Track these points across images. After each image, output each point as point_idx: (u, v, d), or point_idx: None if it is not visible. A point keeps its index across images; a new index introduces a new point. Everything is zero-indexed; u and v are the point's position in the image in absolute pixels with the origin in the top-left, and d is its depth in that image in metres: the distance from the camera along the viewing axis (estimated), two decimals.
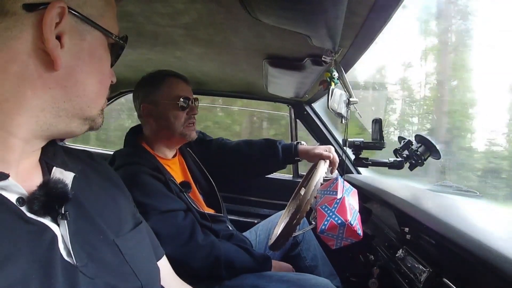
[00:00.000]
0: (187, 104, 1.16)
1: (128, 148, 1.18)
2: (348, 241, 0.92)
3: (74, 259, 0.41)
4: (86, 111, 0.45)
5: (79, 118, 0.45)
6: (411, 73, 3.04)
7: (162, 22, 0.87)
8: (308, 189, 0.94)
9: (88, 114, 0.45)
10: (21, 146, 0.40)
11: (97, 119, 0.47)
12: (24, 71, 0.38)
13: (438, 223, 0.79)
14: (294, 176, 1.99)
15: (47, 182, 0.42)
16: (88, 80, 0.44)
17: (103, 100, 0.48)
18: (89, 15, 0.42)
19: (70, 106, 0.42)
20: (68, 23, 0.40)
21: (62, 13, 0.39)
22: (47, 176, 0.44)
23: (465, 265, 0.71)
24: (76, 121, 0.44)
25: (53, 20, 0.38)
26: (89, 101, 0.45)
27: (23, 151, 0.41)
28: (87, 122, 0.46)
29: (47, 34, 0.38)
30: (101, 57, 0.46)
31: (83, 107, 0.44)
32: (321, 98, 1.67)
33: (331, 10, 0.59)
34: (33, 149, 0.43)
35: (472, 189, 1.27)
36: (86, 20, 0.42)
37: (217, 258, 1.05)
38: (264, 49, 1.00)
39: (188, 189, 1.16)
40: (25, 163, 0.42)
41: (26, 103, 0.39)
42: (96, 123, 0.48)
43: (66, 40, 0.40)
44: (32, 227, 0.38)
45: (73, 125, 0.44)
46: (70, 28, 0.40)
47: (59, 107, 0.41)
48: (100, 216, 0.49)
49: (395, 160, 1.24)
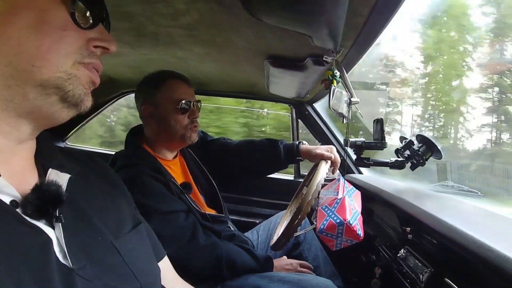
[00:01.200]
0: (188, 107, 1.16)
1: (129, 149, 1.19)
2: (348, 242, 0.91)
3: (70, 261, 0.40)
4: (33, 72, 0.38)
5: (32, 85, 0.38)
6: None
7: (164, 23, 0.87)
8: (309, 189, 0.94)
9: (40, 76, 0.38)
10: (1, 142, 0.39)
11: (64, 85, 0.40)
12: None
13: (440, 223, 0.78)
14: (295, 176, 1.99)
15: (40, 185, 0.41)
16: (21, 33, 0.37)
17: (58, 56, 0.40)
18: None
19: (13, 69, 0.37)
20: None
21: None
22: (41, 179, 0.43)
23: (467, 265, 0.70)
24: (30, 90, 0.39)
25: None
26: (32, 59, 0.38)
27: (5, 148, 0.39)
28: (49, 91, 0.39)
29: None
30: (43, 8, 0.39)
31: (26, 67, 0.38)
32: (322, 98, 1.67)
33: (333, 11, 0.59)
34: (17, 141, 0.41)
35: (474, 189, 1.27)
36: None
37: (218, 258, 1.06)
38: (266, 49, 1.00)
39: (189, 190, 1.16)
40: (17, 164, 0.41)
41: None
42: (68, 94, 0.40)
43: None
44: (26, 229, 0.38)
45: (31, 96, 0.39)
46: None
47: (3, 74, 0.37)
48: (99, 218, 0.48)
49: (396, 160, 1.24)
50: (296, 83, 1.30)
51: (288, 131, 2.09)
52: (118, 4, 0.78)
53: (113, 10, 0.81)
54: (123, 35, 1.01)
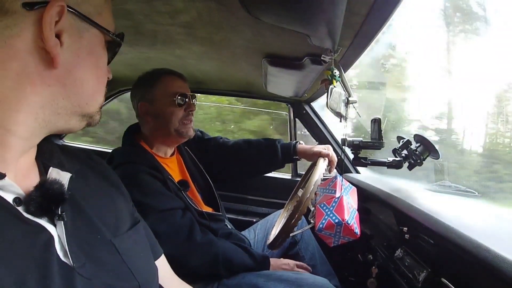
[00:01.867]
0: (183, 101, 1.16)
1: (126, 147, 1.18)
2: (345, 240, 0.94)
3: (71, 260, 0.41)
4: (84, 108, 0.45)
5: (78, 115, 0.45)
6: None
7: (162, 21, 0.87)
8: (307, 187, 0.94)
9: (87, 111, 0.46)
10: (19, 144, 0.40)
11: (95, 116, 0.48)
12: (24, 69, 0.38)
13: (437, 223, 0.79)
14: (293, 175, 1.99)
15: (43, 183, 0.42)
16: (86, 77, 0.44)
17: (101, 97, 0.49)
18: (87, 13, 0.43)
19: (69, 103, 0.43)
20: (67, 21, 0.40)
21: (61, 11, 0.39)
22: (43, 177, 0.44)
23: (464, 265, 0.71)
24: (74, 118, 0.45)
25: (52, 19, 0.38)
26: (87, 98, 0.45)
27: (21, 150, 0.41)
28: (85, 118, 0.47)
29: (47, 33, 0.38)
30: (99, 55, 0.46)
31: (81, 104, 0.44)
32: (320, 97, 1.67)
33: (331, 9, 0.59)
34: (30, 146, 0.43)
35: (471, 189, 1.27)
36: (84, 18, 0.42)
37: (215, 256, 1.06)
38: (264, 48, 1.00)
39: (186, 187, 1.16)
40: (22, 162, 0.42)
41: (26, 100, 0.39)
42: (94, 119, 0.48)
43: (65, 38, 0.40)
44: (28, 228, 0.38)
45: (71, 122, 0.45)
46: (69, 26, 0.41)
47: (58, 104, 0.42)
48: (98, 216, 0.49)
49: (394, 159, 1.24)
50: (293, 82, 1.30)
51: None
52: (116, 2, 0.78)
53: (111, 8, 0.81)
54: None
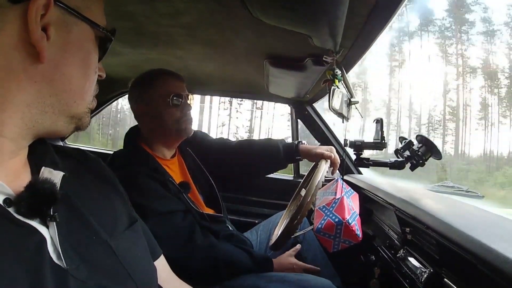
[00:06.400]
0: (179, 102, 1.16)
1: (126, 149, 1.18)
2: (346, 243, 0.89)
3: (64, 262, 0.39)
4: (72, 107, 0.44)
5: (66, 115, 0.43)
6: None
7: (163, 22, 0.87)
8: (309, 188, 0.94)
9: (75, 111, 0.44)
10: (7, 145, 0.39)
11: (84, 117, 0.46)
12: (9, 64, 0.37)
13: (439, 223, 0.78)
14: (295, 176, 1.98)
15: (34, 182, 0.40)
16: (74, 73, 0.43)
17: (90, 96, 0.47)
18: (76, 6, 0.41)
19: (56, 101, 0.41)
20: (54, 15, 0.39)
21: (48, 4, 0.38)
22: (34, 176, 0.43)
23: (466, 265, 0.70)
24: (62, 118, 0.43)
25: (38, 11, 0.37)
26: (75, 96, 0.43)
27: (9, 151, 0.39)
28: (73, 120, 0.45)
29: (32, 26, 0.37)
30: (88, 50, 0.45)
31: (69, 103, 0.43)
32: (322, 98, 1.67)
33: (332, 10, 0.59)
34: (20, 148, 0.42)
35: (474, 190, 1.27)
36: (72, 11, 0.41)
37: (216, 259, 1.05)
38: (265, 49, 1.00)
39: (187, 189, 1.16)
40: (13, 163, 0.41)
41: (11, 98, 0.38)
42: (83, 122, 0.47)
43: (52, 32, 0.39)
44: (19, 229, 0.37)
45: (59, 123, 0.43)
46: (56, 20, 0.40)
47: (45, 102, 0.40)
48: (94, 216, 0.47)
49: (396, 160, 1.24)
50: (295, 83, 1.30)
51: None
52: (118, 3, 0.78)
53: (113, 9, 0.81)
54: (122, 35, 1.01)
